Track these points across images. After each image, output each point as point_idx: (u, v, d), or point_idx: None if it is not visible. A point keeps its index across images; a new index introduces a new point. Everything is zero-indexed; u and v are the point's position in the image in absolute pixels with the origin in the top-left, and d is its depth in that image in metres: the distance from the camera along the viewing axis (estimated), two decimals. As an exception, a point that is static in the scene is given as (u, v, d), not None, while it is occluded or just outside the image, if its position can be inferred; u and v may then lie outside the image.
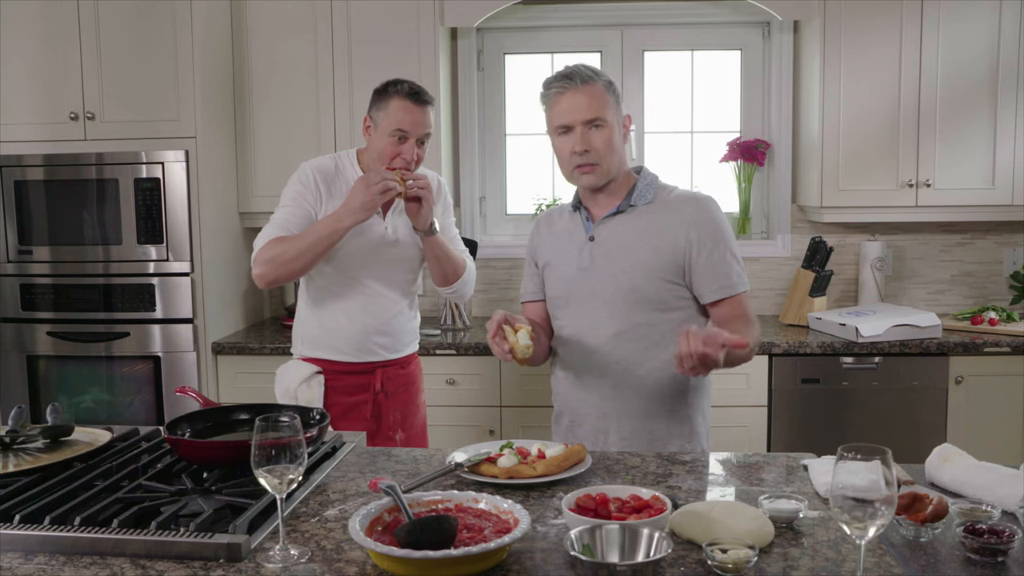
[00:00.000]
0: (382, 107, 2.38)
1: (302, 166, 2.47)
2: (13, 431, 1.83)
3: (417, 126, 2.37)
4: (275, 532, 1.43)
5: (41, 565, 1.35)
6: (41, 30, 3.31)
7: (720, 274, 2.02)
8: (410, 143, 2.37)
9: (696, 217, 2.02)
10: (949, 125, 3.36)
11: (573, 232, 2.11)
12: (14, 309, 3.42)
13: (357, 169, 2.47)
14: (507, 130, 3.95)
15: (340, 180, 2.45)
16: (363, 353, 2.48)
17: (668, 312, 2.03)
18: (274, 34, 3.51)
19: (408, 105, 2.35)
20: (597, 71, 2.04)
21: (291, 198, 2.42)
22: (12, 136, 3.36)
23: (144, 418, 3.34)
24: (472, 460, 1.72)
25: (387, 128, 2.36)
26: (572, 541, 1.27)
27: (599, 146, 1.99)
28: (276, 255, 2.32)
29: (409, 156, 2.37)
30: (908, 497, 1.47)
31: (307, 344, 2.52)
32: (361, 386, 2.49)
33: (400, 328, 2.54)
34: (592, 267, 2.05)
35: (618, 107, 2.04)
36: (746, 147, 3.74)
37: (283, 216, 2.40)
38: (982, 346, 3.17)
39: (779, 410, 3.24)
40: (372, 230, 2.41)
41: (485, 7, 3.52)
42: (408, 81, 2.40)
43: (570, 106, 1.99)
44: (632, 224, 2.04)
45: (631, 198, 2.06)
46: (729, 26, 3.80)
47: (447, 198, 2.64)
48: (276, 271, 2.34)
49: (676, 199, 2.07)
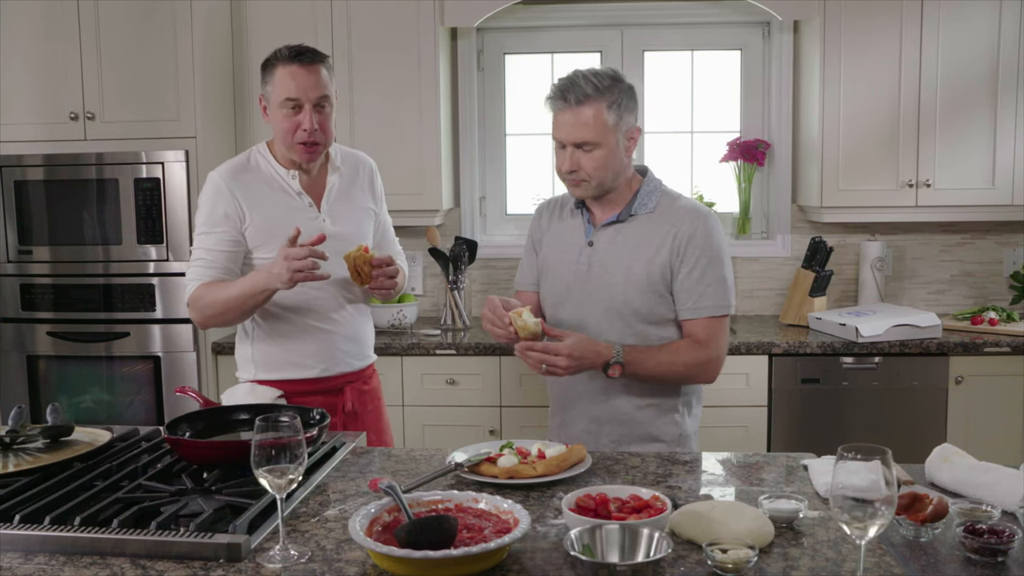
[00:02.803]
0: (269, 79, 2.15)
1: (210, 177, 2.20)
2: (13, 431, 1.83)
3: (307, 89, 2.10)
4: (275, 532, 1.43)
5: (41, 565, 1.35)
6: (41, 30, 3.31)
7: (694, 293, 1.99)
8: (306, 111, 2.11)
9: (688, 232, 1.99)
10: (949, 125, 3.36)
11: (574, 233, 2.11)
12: (14, 309, 3.42)
13: (270, 159, 2.22)
14: (507, 130, 3.95)
15: (257, 178, 2.20)
16: (331, 365, 2.23)
17: (660, 326, 2.03)
18: (274, 34, 3.49)
19: (293, 69, 2.10)
20: (603, 86, 1.94)
21: (207, 220, 2.16)
22: (12, 136, 3.36)
23: (144, 418, 3.34)
24: (472, 460, 1.72)
25: (277, 100, 2.12)
26: (572, 541, 1.27)
27: (588, 167, 1.97)
28: (205, 305, 2.12)
29: (308, 125, 2.11)
30: (908, 497, 1.47)
31: (262, 366, 2.22)
32: (328, 408, 2.09)
33: (362, 332, 2.32)
34: (588, 274, 2.05)
35: (623, 121, 1.96)
36: (746, 147, 3.74)
37: (204, 246, 2.16)
38: (982, 346, 3.17)
39: (779, 410, 3.24)
40: (306, 225, 2.11)
41: (485, 7, 3.52)
42: (291, 45, 2.16)
43: (562, 123, 1.97)
44: (630, 234, 2.03)
45: (632, 206, 2.04)
46: (729, 26, 3.80)
47: (380, 187, 2.40)
48: (210, 320, 2.16)
49: (676, 211, 2.03)
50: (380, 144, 3.31)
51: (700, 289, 1.99)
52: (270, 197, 2.19)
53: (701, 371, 2.02)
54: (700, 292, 1.99)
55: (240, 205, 2.16)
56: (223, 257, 2.15)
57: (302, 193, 2.21)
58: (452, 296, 3.62)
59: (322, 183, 2.25)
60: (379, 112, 3.41)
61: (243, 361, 2.28)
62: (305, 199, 2.21)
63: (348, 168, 2.31)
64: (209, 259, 2.15)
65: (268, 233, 2.16)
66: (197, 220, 2.20)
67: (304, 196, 2.21)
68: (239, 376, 2.29)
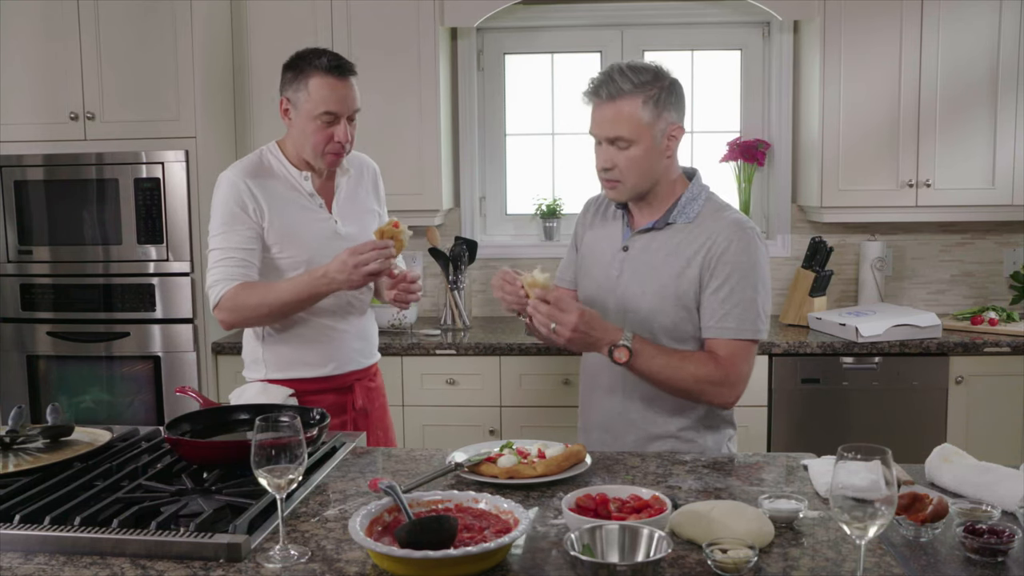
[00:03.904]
0: (300, 86, 2.11)
1: (224, 177, 2.18)
2: (13, 431, 1.83)
3: (346, 103, 2.11)
4: (275, 532, 1.43)
5: (41, 565, 1.35)
6: (41, 30, 3.31)
7: (718, 312, 1.87)
8: (342, 124, 2.12)
9: (724, 246, 1.87)
10: (949, 125, 3.36)
11: (612, 235, 2.03)
12: (14, 309, 3.42)
13: (282, 160, 2.21)
14: (507, 130, 3.95)
15: (271, 178, 2.19)
16: (342, 364, 2.25)
17: (683, 343, 1.93)
18: (274, 34, 3.51)
19: (332, 81, 2.09)
20: (636, 81, 1.85)
21: (227, 220, 2.13)
22: (12, 136, 3.36)
23: (144, 418, 3.34)
24: (472, 460, 1.72)
25: (311, 112, 2.10)
26: (572, 541, 1.27)
27: (622, 165, 1.88)
28: (246, 306, 2.09)
29: (343, 138, 2.13)
30: (908, 497, 1.47)
31: (273, 366, 2.23)
32: (338, 406, 2.22)
33: (369, 330, 2.36)
34: (619, 281, 1.97)
35: (660, 119, 1.86)
36: (746, 147, 3.74)
37: (228, 245, 2.12)
38: (982, 346, 3.17)
39: (779, 410, 3.24)
40: (319, 226, 2.18)
41: (485, 7, 3.52)
42: (326, 51, 2.13)
43: (597, 119, 1.90)
44: (665, 243, 1.93)
45: (671, 213, 1.93)
46: (729, 26, 3.80)
47: (382, 189, 2.42)
48: (245, 321, 2.15)
49: (716, 222, 1.90)
50: (380, 144, 3.30)
51: (726, 308, 1.86)
52: (286, 198, 2.19)
53: (713, 390, 1.88)
54: (725, 312, 1.86)
55: (260, 204, 2.15)
56: (250, 255, 2.13)
57: (314, 195, 2.22)
58: (452, 296, 3.62)
59: (331, 185, 2.27)
60: (379, 112, 3.41)
61: (252, 361, 2.27)
62: (317, 200, 2.22)
63: (355, 170, 2.31)
64: (238, 257, 2.11)
65: (283, 233, 2.16)
66: (214, 221, 2.16)
67: (316, 197, 2.22)
68: (246, 376, 2.29)
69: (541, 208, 3.86)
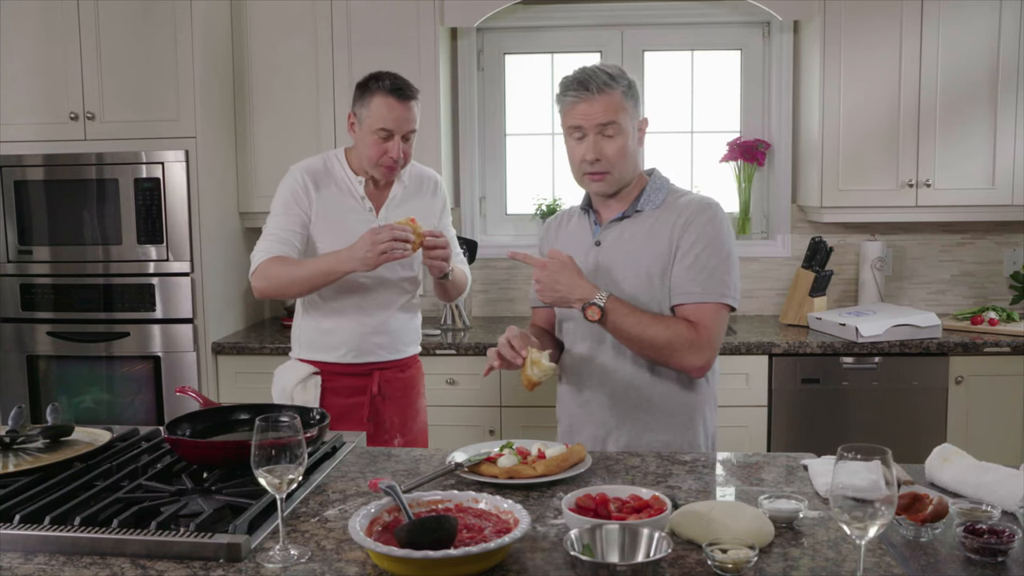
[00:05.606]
0: (365, 104, 2.35)
1: (291, 170, 2.45)
2: (13, 431, 1.83)
3: (401, 123, 2.33)
4: (275, 532, 1.43)
5: (41, 565, 1.35)
6: (41, 30, 3.31)
7: (684, 279, 1.92)
8: (395, 141, 2.34)
9: (690, 220, 1.95)
10: (949, 125, 3.36)
11: (581, 235, 2.08)
12: (14, 309, 3.42)
13: (346, 168, 2.45)
14: (507, 130, 3.95)
15: (330, 179, 2.44)
16: (361, 354, 2.46)
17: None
18: (274, 34, 3.51)
19: (391, 102, 2.32)
20: (615, 75, 1.94)
21: (283, 205, 2.41)
22: (12, 136, 3.36)
23: (144, 418, 3.34)
24: (472, 460, 1.72)
25: (371, 126, 2.33)
26: (572, 541, 1.27)
27: (611, 154, 1.93)
28: (275, 275, 2.33)
29: (395, 154, 2.35)
30: (908, 497, 1.47)
31: (304, 346, 2.50)
32: (358, 388, 2.46)
33: (399, 328, 2.51)
34: (596, 273, 2.00)
35: (636, 110, 1.97)
36: (746, 147, 3.74)
37: (277, 226, 2.38)
38: (982, 346, 3.17)
39: (779, 410, 3.24)
40: (362, 226, 2.33)
41: (485, 7, 3.52)
42: (391, 75, 2.35)
43: (583, 112, 1.93)
44: (637, 229, 2.00)
45: (639, 202, 2.01)
46: (729, 26, 3.80)
47: (446, 199, 2.62)
48: (275, 290, 2.37)
49: (682, 203, 1.99)
50: (380, 144, 3.31)
51: (692, 275, 1.92)
52: (337, 198, 2.43)
53: (685, 350, 1.89)
54: (691, 277, 1.92)
55: (312, 201, 2.41)
56: (293, 236, 2.38)
57: (364, 198, 2.44)
58: (452, 296, 3.63)
59: (386, 193, 2.48)
60: (379, 112, 3.40)
61: (294, 340, 2.55)
62: (367, 203, 2.44)
63: (412, 182, 2.53)
64: (282, 236, 2.37)
65: (327, 227, 2.41)
66: (274, 204, 2.43)
67: (366, 201, 2.44)
68: (290, 354, 2.56)
69: (541, 208, 3.86)
